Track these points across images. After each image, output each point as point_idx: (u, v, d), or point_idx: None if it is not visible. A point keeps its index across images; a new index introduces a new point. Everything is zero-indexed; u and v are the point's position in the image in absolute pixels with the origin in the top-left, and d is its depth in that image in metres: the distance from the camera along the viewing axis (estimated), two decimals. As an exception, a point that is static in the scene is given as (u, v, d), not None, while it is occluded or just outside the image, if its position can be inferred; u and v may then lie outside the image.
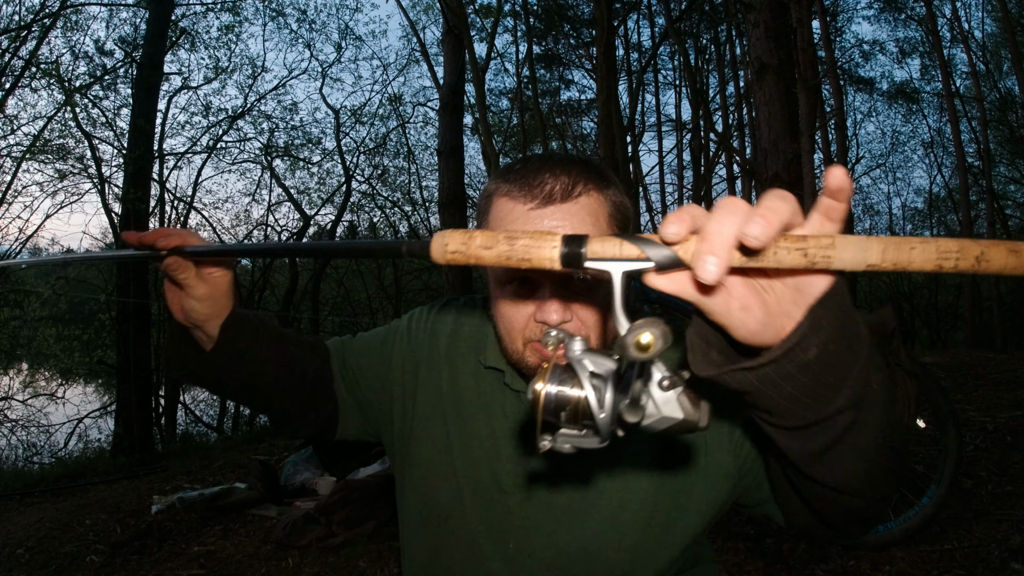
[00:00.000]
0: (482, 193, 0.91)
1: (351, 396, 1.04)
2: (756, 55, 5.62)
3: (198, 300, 0.88)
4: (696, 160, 11.92)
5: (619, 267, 0.48)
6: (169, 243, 0.83)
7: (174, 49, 10.75)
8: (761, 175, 5.54)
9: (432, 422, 0.99)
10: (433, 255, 0.54)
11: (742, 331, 0.52)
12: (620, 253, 0.48)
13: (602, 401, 0.48)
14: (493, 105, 14.74)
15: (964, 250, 0.45)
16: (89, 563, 3.41)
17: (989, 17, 14.22)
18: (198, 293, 0.87)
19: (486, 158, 8.51)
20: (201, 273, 0.87)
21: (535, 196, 0.82)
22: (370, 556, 3.19)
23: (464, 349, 1.01)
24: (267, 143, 13.09)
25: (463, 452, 0.96)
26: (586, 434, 0.51)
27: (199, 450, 6.46)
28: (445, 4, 7.72)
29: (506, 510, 0.92)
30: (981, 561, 2.50)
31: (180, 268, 0.85)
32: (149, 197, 9.34)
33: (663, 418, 0.48)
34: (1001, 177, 14.90)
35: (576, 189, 0.83)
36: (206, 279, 0.87)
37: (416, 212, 15.64)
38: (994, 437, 3.75)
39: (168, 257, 0.83)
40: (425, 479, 0.99)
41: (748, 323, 0.51)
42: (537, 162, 0.86)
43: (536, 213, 0.82)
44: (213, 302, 0.89)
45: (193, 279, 0.86)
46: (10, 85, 8.41)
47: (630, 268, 0.48)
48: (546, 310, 0.82)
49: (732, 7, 8.61)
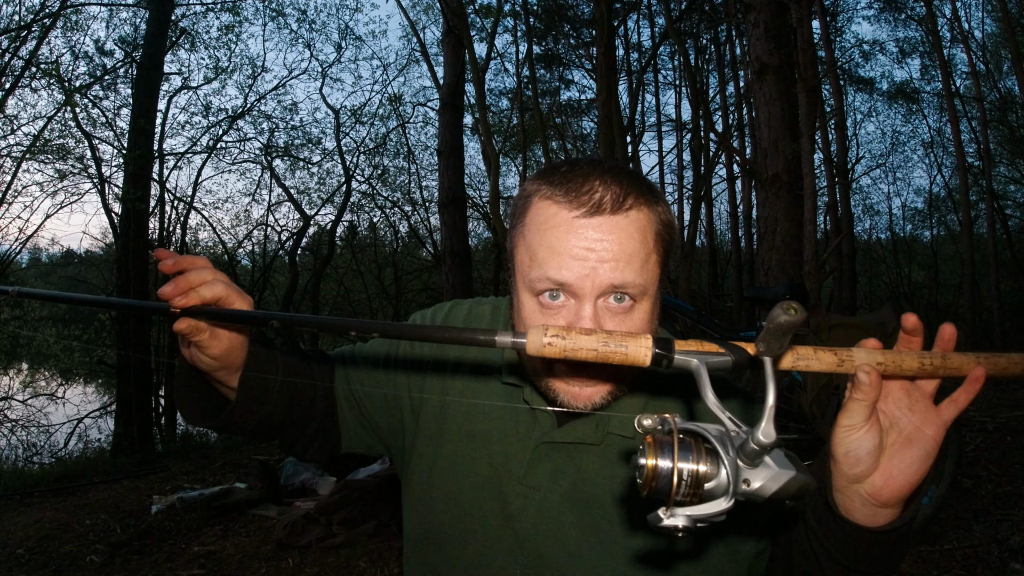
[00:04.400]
0: (520, 192, 0.85)
1: (357, 419, 0.99)
2: (756, 55, 5.62)
3: (213, 359, 0.80)
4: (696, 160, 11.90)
5: (703, 359, 0.55)
6: (187, 301, 0.73)
7: (174, 49, 10.74)
8: (761, 175, 5.53)
9: (438, 438, 0.93)
10: (530, 348, 0.56)
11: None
12: (702, 351, 0.55)
13: (731, 464, 0.49)
14: (493, 105, 14.74)
15: (933, 357, 0.65)
16: (89, 563, 3.41)
17: (989, 17, 14.21)
18: (213, 353, 0.79)
19: (486, 158, 8.51)
20: (216, 331, 0.78)
21: (582, 204, 0.75)
22: (370, 556, 3.19)
23: (476, 360, 0.95)
24: (267, 143, 13.09)
25: (469, 473, 0.90)
26: (704, 503, 0.50)
27: (199, 450, 6.46)
28: (445, 4, 7.72)
29: (514, 536, 0.86)
30: (981, 561, 2.50)
31: (195, 332, 0.76)
32: (149, 197, 9.34)
33: (779, 473, 0.49)
34: (1001, 177, 14.88)
35: (627, 202, 0.76)
36: (221, 336, 0.79)
37: (416, 212, 15.63)
38: (994, 437, 3.75)
39: (179, 322, 0.74)
40: (426, 499, 0.93)
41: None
42: (586, 167, 0.79)
43: (582, 223, 0.75)
44: (229, 358, 0.82)
45: (207, 340, 0.78)
46: (10, 85, 8.40)
47: (711, 361, 0.55)
48: (577, 326, 0.75)
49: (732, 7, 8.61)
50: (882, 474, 0.66)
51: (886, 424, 0.67)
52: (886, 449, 0.66)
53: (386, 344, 1.01)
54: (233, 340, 0.81)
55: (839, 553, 0.72)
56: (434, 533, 0.92)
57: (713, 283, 13.66)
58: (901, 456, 0.66)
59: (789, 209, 5.24)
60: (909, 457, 0.65)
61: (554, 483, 0.86)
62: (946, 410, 0.67)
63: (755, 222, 9.47)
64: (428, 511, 0.92)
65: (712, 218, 14.13)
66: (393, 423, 0.98)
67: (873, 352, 0.63)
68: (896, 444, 0.66)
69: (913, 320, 0.66)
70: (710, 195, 12.85)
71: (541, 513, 0.85)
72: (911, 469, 0.65)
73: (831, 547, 0.72)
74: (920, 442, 0.66)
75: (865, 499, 0.66)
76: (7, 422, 10.18)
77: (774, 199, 5.35)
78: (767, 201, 5.45)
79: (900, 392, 0.68)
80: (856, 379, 0.62)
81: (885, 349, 0.64)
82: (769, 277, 5.34)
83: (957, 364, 0.65)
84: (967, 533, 2.71)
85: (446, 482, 0.91)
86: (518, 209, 0.83)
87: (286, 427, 0.94)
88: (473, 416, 0.91)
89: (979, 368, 0.64)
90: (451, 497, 0.90)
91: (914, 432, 0.66)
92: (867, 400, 0.63)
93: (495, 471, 0.88)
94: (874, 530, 0.68)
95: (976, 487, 3.11)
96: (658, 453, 0.50)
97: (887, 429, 0.67)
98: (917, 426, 0.66)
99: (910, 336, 0.66)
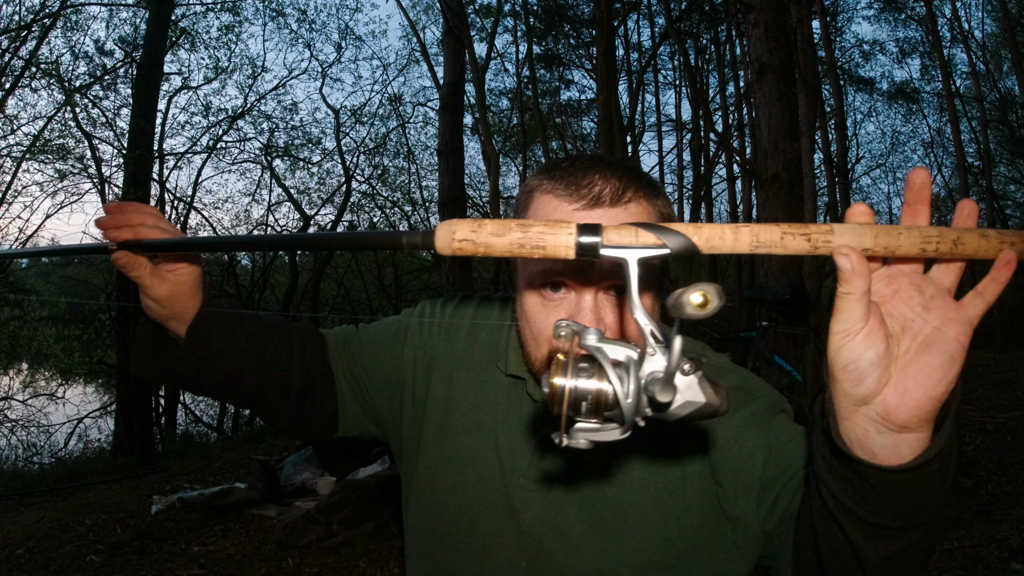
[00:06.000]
0: (522, 188, 0.87)
1: (356, 399, 0.97)
2: (756, 55, 5.62)
3: (155, 301, 0.78)
4: (696, 160, 11.91)
5: (635, 254, 0.50)
6: (120, 234, 0.73)
7: (174, 49, 10.73)
8: (761, 175, 5.53)
9: (443, 431, 0.92)
10: (438, 245, 0.51)
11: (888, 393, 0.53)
12: (636, 241, 0.50)
13: (627, 389, 0.48)
14: (493, 105, 14.75)
15: (943, 235, 0.50)
16: (89, 563, 3.40)
17: (989, 17, 14.22)
18: (155, 294, 0.77)
19: (486, 158, 8.51)
20: (160, 271, 0.77)
21: (582, 197, 0.78)
22: (370, 556, 3.19)
23: (482, 354, 0.94)
24: (267, 143, 13.08)
25: (475, 466, 0.89)
26: (606, 427, 0.50)
27: (199, 450, 6.46)
28: (445, 4, 7.72)
29: (518, 529, 0.86)
30: (981, 561, 2.50)
31: (132, 266, 0.74)
32: (149, 197, 9.33)
33: (686, 402, 0.48)
34: (1001, 177, 14.89)
35: (626, 194, 0.78)
36: (165, 278, 0.77)
37: (416, 212, 15.62)
38: (994, 437, 3.75)
39: (117, 253, 0.73)
40: (430, 491, 0.93)
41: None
42: (587, 162, 0.81)
43: (581, 215, 0.77)
44: (174, 303, 0.79)
45: (149, 278, 0.76)
46: (10, 85, 8.40)
47: (646, 255, 0.50)
48: (578, 318, 0.77)
49: (732, 7, 8.61)
50: (895, 389, 0.52)
51: (896, 328, 0.55)
52: (898, 358, 0.53)
53: (392, 331, 1.00)
54: (179, 284, 0.78)
55: (861, 507, 0.57)
56: (439, 525, 0.91)
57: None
58: (918, 364, 0.52)
59: (789, 209, 5.23)
60: (929, 364, 0.52)
61: (556, 477, 0.86)
62: (971, 305, 0.53)
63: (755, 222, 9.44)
64: (433, 503, 0.92)
65: (712, 218, 14.13)
66: (395, 409, 0.97)
67: (858, 229, 0.49)
68: (910, 351, 0.53)
69: (922, 176, 0.52)
70: (710, 195, 12.86)
71: (544, 507, 0.86)
72: (932, 379, 0.51)
73: (849, 501, 0.58)
74: (941, 345, 0.52)
75: (878, 423, 0.53)
76: (7, 422, 10.18)
77: (774, 199, 5.35)
78: (767, 201, 5.45)
79: (911, 288, 0.55)
80: (836, 265, 0.50)
81: (879, 225, 0.50)
82: (769, 277, 5.34)
83: (974, 247, 0.50)
84: (967, 533, 2.71)
85: (452, 474, 0.91)
86: (520, 204, 0.86)
87: (257, 394, 0.90)
88: (478, 409, 0.91)
89: (1008, 250, 0.50)
90: (457, 489, 0.90)
91: (932, 334, 0.53)
92: (855, 293, 0.50)
93: (501, 464, 0.88)
94: (895, 469, 0.53)
95: (976, 487, 3.11)
96: (561, 372, 0.49)
97: (898, 335, 0.55)
98: (936, 327, 0.53)
99: (916, 201, 0.53)
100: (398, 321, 1.02)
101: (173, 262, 0.78)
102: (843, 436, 0.55)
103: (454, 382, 0.93)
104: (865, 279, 0.50)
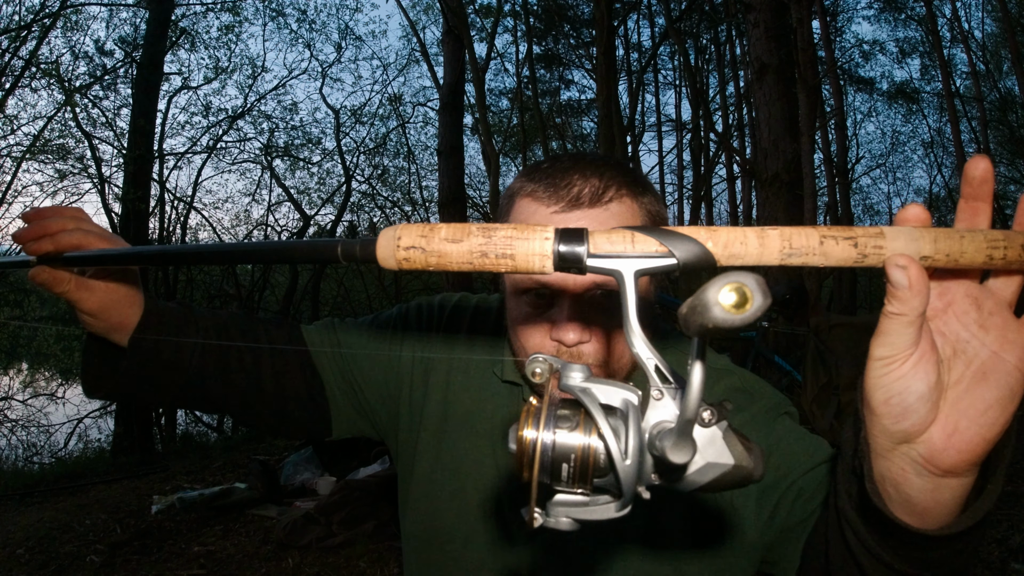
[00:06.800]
0: (505, 192, 0.83)
1: (349, 400, 0.94)
2: (756, 55, 5.62)
3: (88, 314, 0.71)
4: (696, 160, 11.91)
5: (632, 265, 0.38)
6: (40, 246, 0.64)
7: (174, 49, 10.74)
8: (761, 175, 5.54)
9: (440, 436, 0.90)
10: (380, 256, 0.40)
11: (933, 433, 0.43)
12: (633, 249, 0.39)
13: (625, 445, 0.35)
14: (493, 105, 14.76)
15: (1010, 239, 0.40)
16: (89, 563, 3.40)
17: (989, 17, 14.23)
18: (87, 307, 0.70)
19: (486, 158, 8.51)
20: (86, 282, 0.69)
21: (560, 198, 0.73)
22: (370, 556, 3.19)
23: (479, 358, 0.92)
24: (267, 143, 13.09)
25: (473, 472, 0.87)
26: (596, 499, 0.38)
27: (199, 450, 6.46)
28: (445, 4, 7.72)
29: (516, 537, 0.84)
30: (981, 561, 2.50)
31: (53, 283, 0.66)
32: (149, 197, 9.33)
33: (708, 465, 0.36)
34: (1001, 177, 14.89)
35: (607, 194, 0.74)
36: (94, 288, 0.70)
37: (416, 212, 15.63)
38: (994, 437, 3.75)
39: (34, 269, 0.65)
40: (427, 498, 0.90)
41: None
42: (567, 161, 0.77)
43: (560, 218, 0.73)
44: (109, 314, 0.72)
45: (76, 292, 0.68)
46: (10, 85, 8.41)
47: (647, 266, 0.38)
48: (562, 328, 0.73)
49: (732, 7, 8.62)
50: (943, 427, 0.42)
51: (947, 351, 0.44)
52: (948, 389, 0.43)
53: (387, 335, 0.96)
54: (111, 293, 0.71)
55: (888, 554, 0.49)
56: (437, 533, 0.89)
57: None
58: (972, 397, 0.42)
59: (789, 209, 5.24)
60: (984, 399, 0.42)
61: None
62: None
63: (755, 222, 9.47)
64: (431, 510, 0.90)
65: (712, 218, 14.13)
66: (391, 412, 0.95)
67: (913, 232, 0.39)
68: (963, 380, 0.43)
69: (983, 167, 0.42)
70: (710, 195, 12.86)
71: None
72: (988, 417, 0.42)
73: (876, 545, 0.49)
74: (999, 375, 0.42)
75: (919, 465, 0.43)
76: (7, 422, 10.18)
77: (774, 199, 5.35)
78: (767, 201, 5.45)
79: (966, 300, 0.44)
80: (889, 279, 0.39)
81: (936, 228, 0.40)
82: (769, 277, 5.34)
83: None
84: (967, 533, 2.71)
85: (450, 481, 0.88)
86: (503, 208, 0.82)
87: (229, 401, 0.85)
88: (476, 415, 0.89)
89: None
90: (455, 497, 0.88)
91: (990, 360, 0.43)
92: (910, 314, 0.40)
93: (499, 471, 0.86)
94: (939, 537, 0.45)
95: (976, 487, 3.11)
96: (533, 423, 0.37)
97: (949, 359, 0.44)
98: (994, 351, 0.43)
99: (975, 197, 0.43)
100: (391, 319, 0.98)
101: (101, 273, 0.71)
102: (876, 473, 0.46)
103: (451, 386, 0.91)
104: (924, 298, 0.39)
